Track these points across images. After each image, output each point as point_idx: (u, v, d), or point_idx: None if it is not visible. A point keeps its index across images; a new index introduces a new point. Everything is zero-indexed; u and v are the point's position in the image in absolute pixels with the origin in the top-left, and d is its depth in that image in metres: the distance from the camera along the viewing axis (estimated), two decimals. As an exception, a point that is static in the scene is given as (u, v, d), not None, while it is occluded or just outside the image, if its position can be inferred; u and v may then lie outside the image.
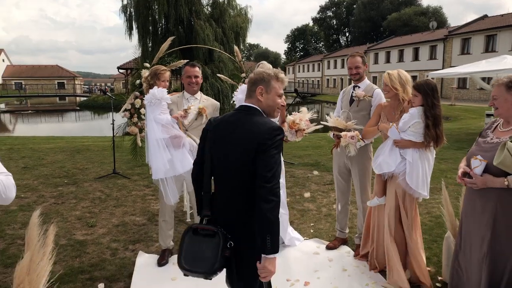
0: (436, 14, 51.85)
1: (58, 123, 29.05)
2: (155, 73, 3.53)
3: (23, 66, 61.65)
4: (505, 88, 2.37)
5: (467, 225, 2.59)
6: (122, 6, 24.99)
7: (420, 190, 3.05)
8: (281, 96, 2.07)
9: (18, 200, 5.44)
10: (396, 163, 3.08)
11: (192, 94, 3.67)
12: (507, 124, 2.44)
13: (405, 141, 3.06)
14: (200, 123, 3.59)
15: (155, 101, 3.33)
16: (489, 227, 2.39)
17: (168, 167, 3.34)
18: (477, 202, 2.46)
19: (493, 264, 2.40)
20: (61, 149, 9.59)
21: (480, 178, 2.37)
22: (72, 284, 3.21)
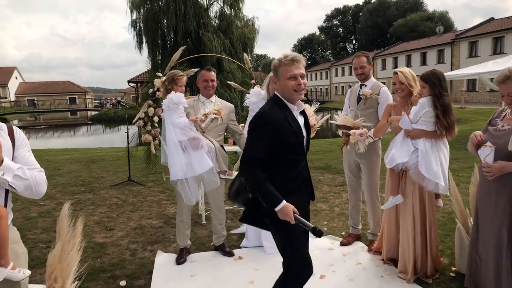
0: (442, 18, 51.82)
1: (70, 137, 29.55)
2: (172, 78, 3.67)
3: (36, 82, 63.03)
4: None
5: (483, 212, 2.64)
6: (131, 21, 25.52)
7: (436, 179, 2.99)
8: (294, 78, 2.16)
9: (37, 207, 5.61)
10: (409, 154, 3.06)
11: (207, 98, 3.80)
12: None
13: (417, 130, 3.07)
14: (216, 124, 3.72)
15: (173, 105, 3.47)
16: (506, 213, 2.44)
17: (186, 169, 3.46)
18: (492, 188, 2.51)
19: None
20: (76, 160, 9.82)
21: (496, 165, 2.41)
22: (95, 282, 3.32)
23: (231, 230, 4.47)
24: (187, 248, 3.81)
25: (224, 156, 3.76)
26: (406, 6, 57.99)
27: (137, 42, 25.48)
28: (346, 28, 69.70)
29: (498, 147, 2.42)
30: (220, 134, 3.79)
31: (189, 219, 3.82)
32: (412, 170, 3.09)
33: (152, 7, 25.20)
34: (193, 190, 3.53)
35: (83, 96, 59.24)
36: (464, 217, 3.07)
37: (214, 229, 3.88)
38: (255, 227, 3.93)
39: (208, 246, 4.07)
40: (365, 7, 63.12)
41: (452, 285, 3.11)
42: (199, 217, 4.95)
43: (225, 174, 3.70)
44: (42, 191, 1.88)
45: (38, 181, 1.84)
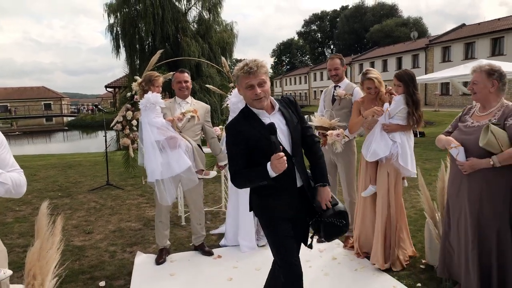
0: (416, 24, 53.33)
1: (46, 144, 28.88)
2: (149, 79, 3.72)
3: (9, 88, 61.16)
4: (486, 75, 2.60)
5: (454, 206, 2.78)
6: (108, 25, 25.23)
7: (412, 169, 3.36)
8: (251, 87, 2.15)
9: (13, 213, 5.51)
10: (389, 147, 3.35)
11: (183, 99, 3.86)
12: (484, 109, 2.67)
13: (394, 125, 3.37)
14: (192, 124, 3.78)
15: (150, 105, 3.51)
16: (476, 205, 2.59)
17: (164, 169, 3.51)
18: (463, 183, 2.66)
19: (481, 238, 2.60)
20: (53, 165, 9.65)
21: (467, 163, 2.57)
22: (74, 283, 3.32)
23: (211, 231, 4.53)
24: (166, 248, 3.85)
25: (202, 155, 3.83)
26: (382, 12, 59.47)
27: (114, 46, 25.21)
28: (324, 33, 70.80)
29: (469, 143, 2.57)
30: (197, 134, 3.86)
31: (168, 219, 3.86)
32: (393, 159, 3.36)
33: (129, 11, 24.99)
34: (168, 191, 3.58)
35: (59, 101, 57.91)
36: (432, 212, 3.23)
37: (194, 229, 3.92)
38: (234, 227, 4.01)
39: (188, 246, 4.11)
40: (342, 13, 64.36)
41: (421, 276, 3.26)
42: (179, 219, 4.98)
43: (202, 174, 3.76)
44: (22, 192, 1.95)
45: (18, 184, 1.91)
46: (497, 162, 2.44)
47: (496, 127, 2.44)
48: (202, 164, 3.79)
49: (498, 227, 2.55)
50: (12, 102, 55.00)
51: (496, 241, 2.55)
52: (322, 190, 2.32)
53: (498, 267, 2.56)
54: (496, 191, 2.53)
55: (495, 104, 2.61)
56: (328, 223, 2.29)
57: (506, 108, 2.55)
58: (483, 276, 2.61)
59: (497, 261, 2.56)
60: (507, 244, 2.54)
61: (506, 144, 2.43)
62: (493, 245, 2.56)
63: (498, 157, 2.44)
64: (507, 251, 2.54)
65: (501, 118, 2.52)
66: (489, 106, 2.63)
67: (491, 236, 2.57)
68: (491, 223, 2.56)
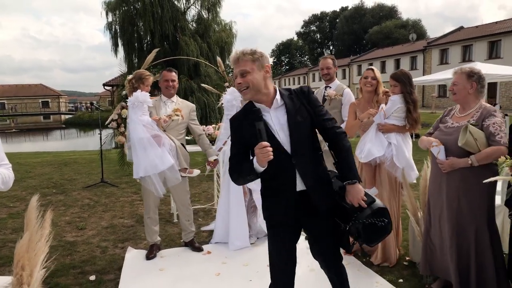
0: (415, 26, 53.52)
1: (43, 142, 28.86)
2: (140, 77, 3.78)
3: (6, 85, 60.97)
4: (466, 77, 2.69)
5: (434, 204, 2.87)
6: (107, 23, 25.24)
7: (410, 170, 3.36)
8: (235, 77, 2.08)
9: (7, 209, 5.57)
10: (384, 147, 3.35)
11: (169, 98, 3.92)
12: (463, 110, 2.76)
13: (390, 125, 3.38)
14: (176, 123, 3.83)
15: (138, 103, 3.57)
16: (454, 202, 2.68)
17: (148, 166, 3.56)
18: (443, 181, 2.75)
19: (459, 235, 2.69)
20: (48, 163, 9.70)
21: (447, 162, 2.66)
22: (65, 277, 3.39)
23: (202, 227, 4.60)
24: (157, 244, 3.91)
25: (185, 154, 3.89)
26: (381, 13, 59.61)
27: (113, 45, 25.23)
28: (324, 34, 70.91)
29: (449, 143, 2.66)
30: (181, 133, 3.91)
31: (157, 215, 3.91)
32: (387, 162, 3.37)
33: (128, 10, 25.01)
34: (158, 183, 3.65)
35: (57, 99, 57.83)
36: (415, 210, 3.30)
37: (183, 225, 3.99)
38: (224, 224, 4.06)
39: (178, 242, 4.18)
40: (342, 14, 64.47)
41: (404, 272, 3.34)
42: (171, 216, 5.04)
43: (185, 172, 3.82)
44: (9, 186, 2.06)
45: (7, 179, 2.03)
46: (475, 161, 2.52)
47: (474, 128, 2.53)
48: (186, 162, 3.85)
49: (476, 225, 2.63)
50: (9, 100, 54.89)
51: (474, 239, 2.64)
52: (352, 188, 2.08)
53: (476, 265, 2.65)
54: (474, 190, 2.61)
55: (474, 106, 2.69)
56: (368, 224, 2.04)
57: (484, 110, 2.64)
58: (462, 273, 2.69)
59: (476, 259, 2.64)
60: (484, 243, 2.62)
61: (484, 144, 2.52)
62: (471, 243, 2.65)
63: (476, 156, 2.52)
64: (485, 249, 2.63)
65: (479, 119, 2.61)
66: (468, 108, 2.71)
67: (470, 234, 2.65)
68: (469, 221, 2.65)
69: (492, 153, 2.48)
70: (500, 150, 2.46)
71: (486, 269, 2.64)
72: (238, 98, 3.93)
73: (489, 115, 2.58)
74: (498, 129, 2.51)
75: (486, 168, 2.56)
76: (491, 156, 2.50)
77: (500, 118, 2.58)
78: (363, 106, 3.60)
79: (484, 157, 2.51)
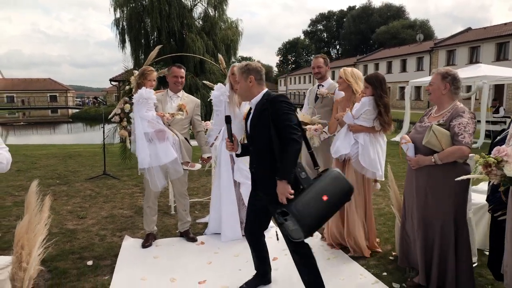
0: (423, 27, 53.26)
1: (50, 135, 29.20)
2: (142, 73, 3.93)
3: (15, 79, 61.69)
4: (441, 77, 2.82)
5: (407, 198, 3.02)
6: (114, 19, 25.49)
7: (373, 169, 3.50)
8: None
9: (12, 197, 5.77)
10: (350, 146, 3.53)
11: (175, 93, 4.08)
12: (439, 110, 2.88)
13: (358, 126, 3.53)
14: (181, 118, 3.99)
15: (142, 100, 3.73)
16: (422, 198, 2.82)
17: (153, 158, 3.73)
18: (413, 177, 2.90)
19: (425, 228, 2.83)
20: (53, 155, 9.92)
21: (414, 158, 2.82)
22: (64, 262, 3.56)
23: (197, 219, 4.75)
24: (153, 233, 4.07)
25: (188, 148, 4.04)
26: (388, 13, 59.39)
27: (120, 41, 25.46)
28: (330, 33, 70.81)
29: (417, 141, 2.81)
30: (185, 127, 4.07)
31: (156, 205, 4.08)
32: (353, 159, 3.53)
33: (136, 6, 25.21)
34: (158, 177, 3.81)
35: (64, 94, 58.42)
36: (399, 205, 3.42)
37: (179, 215, 4.15)
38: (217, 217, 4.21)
39: (174, 233, 4.33)
40: (349, 13, 64.31)
41: (389, 266, 3.47)
42: (169, 208, 5.21)
43: (187, 166, 3.97)
44: (8, 168, 2.25)
45: (7, 162, 2.19)
46: (438, 159, 2.68)
47: (438, 127, 2.66)
48: (189, 156, 4.01)
49: (442, 220, 2.76)
50: (19, 93, 55.54)
51: (440, 233, 2.77)
52: (279, 183, 2.49)
53: (439, 258, 2.79)
54: (440, 187, 2.75)
55: (447, 106, 2.81)
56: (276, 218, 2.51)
57: (454, 110, 2.76)
58: (426, 265, 2.84)
59: (439, 252, 2.78)
60: (449, 237, 2.75)
61: (448, 143, 2.65)
62: (436, 237, 2.78)
63: (438, 155, 2.68)
64: (448, 243, 2.76)
65: (448, 119, 2.74)
66: (442, 108, 2.84)
67: (435, 228, 2.79)
68: (435, 216, 2.79)
69: (453, 152, 2.62)
70: (460, 150, 2.60)
71: (447, 262, 2.78)
72: (225, 93, 4.07)
73: (457, 116, 2.71)
74: (463, 129, 2.64)
75: (453, 166, 2.69)
76: (453, 155, 2.64)
77: (468, 119, 2.69)
78: (344, 104, 3.77)
79: (446, 156, 2.65)
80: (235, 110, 4.04)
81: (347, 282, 3.19)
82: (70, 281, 3.21)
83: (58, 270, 3.38)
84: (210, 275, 3.30)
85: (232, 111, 4.04)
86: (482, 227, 3.71)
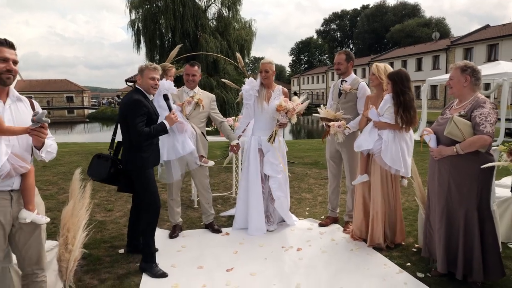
0: (439, 25, 52.51)
1: (67, 135, 29.81)
2: (163, 69, 4.07)
3: (33, 80, 62.96)
4: (460, 71, 2.87)
5: (431, 189, 3.08)
6: (130, 20, 25.86)
7: (396, 167, 3.52)
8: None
9: (41, 191, 5.88)
10: (373, 141, 3.57)
11: (191, 89, 4.20)
12: (460, 103, 2.94)
13: (382, 122, 3.57)
14: (198, 112, 4.12)
15: (164, 90, 3.85)
16: (445, 187, 2.88)
17: (170, 151, 3.85)
18: (436, 167, 2.96)
19: (448, 217, 2.89)
20: (76, 152, 10.19)
21: (436, 149, 2.89)
22: (97, 250, 3.72)
23: (221, 213, 4.87)
24: (179, 225, 4.20)
25: (204, 143, 4.17)
26: (403, 11, 58.77)
27: (135, 42, 25.79)
28: (344, 32, 70.44)
29: (439, 132, 2.88)
30: (202, 121, 4.19)
31: (179, 197, 4.21)
32: (376, 155, 3.58)
33: (150, 8, 25.55)
34: (175, 169, 3.94)
35: (81, 94, 59.39)
36: (423, 197, 3.47)
37: (203, 208, 4.27)
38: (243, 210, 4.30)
39: (199, 225, 4.46)
40: (363, 12, 63.87)
41: (412, 258, 3.52)
42: (192, 202, 5.34)
43: (201, 161, 4.08)
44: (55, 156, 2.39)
45: (55, 150, 2.32)
46: (460, 149, 2.73)
47: (459, 118, 2.72)
48: (204, 151, 4.13)
49: (465, 209, 2.81)
50: (36, 94, 56.66)
51: (464, 222, 2.82)
52: None
53: (464, 246, 2.83)
54: (462, 176, 2.80)
55: (469, 98, 2.86)
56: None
57: (476, 101, 2.81)
58: (449, 254, 2.89)
59: (464, 241, 2.83)
60: (473, 226, 2.80)
61: (469, 133, 2.71)
62: (461, 226, 2.83)
63: (460, 145, 2.74)
64: (473, 233, 2.80)
65: (469, 110, 2.79)
66: (464, 100, 2.89)
67: (459, 217, 2.84)
68: (458, 205, 2.84)
69: (475, 141, 2.67)
70: (482, 138, 2.65)
71: (473, 250, 2.82)
72: (255, 88, 4.19)
73: (478, 106, 2.76)
74: (484, 119, 2.68)
75: (476, 156, 2.74)
76: (474, 144, 2.68)
77: (489, 109, 2.73)
78: (374, 100, 3.81)
79: (468, 145, 2.70)
80: (263, 104, 4.16)
81: (372, 271, 3.26)
82: (104, 267, 3.36)
83: (92, 257, 3.54)
84: (237, 263, 3.41)
85: (260, 105, 4.16)
86: (506, 220, 3.74)
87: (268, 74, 4.17)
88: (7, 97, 2.12)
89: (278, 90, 4.25)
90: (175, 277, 3.20)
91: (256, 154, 4.20)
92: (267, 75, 4.17)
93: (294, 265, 3.39)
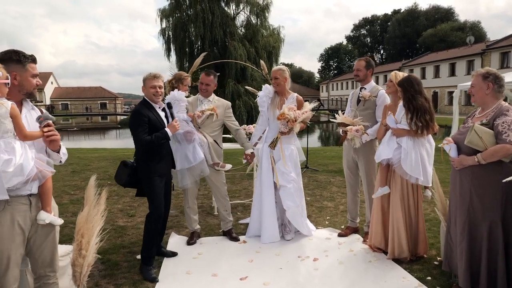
0: (474, 29, 50.73)
1: (100, 140, 30.80)
2: (179, 78, 4.13)
3: (70, 88, 65.67)
4: (482, 78, 2.77)
5: (453, 200, 2.95)
6: (161, 29, 26.61)
7: (416, 175, 3.37)
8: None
9: (69, 196, 6.20)
10: (392, 150, 3.45)
11: (205, 97, 4.22)
12: (482, 111, 2.82)
13: (400, 129, 3.46)
14: (211, 121, 4.12)
15: (175, 101, 3.90)
16: (467, 199, 2.76)
17: (181, 160, 3.87)
18: (457, 178, 2.84)
19: (471, 231, 2.76)
20: (105, 158, 10.51)
21: (457, 159, 2.78)
22: (116, 255, 3.80)
23: (240, 220, 4.87)
24: (197, 232, 4.24)
25: (218, 150, 4.16)
26: (436, 16, 57.19)
27: (166, 49, 26.55)
28: (374, 37, 69.32)
29: (460, 142, 2.76)
30: (215, 130, 4.17)
31: (195, 205, 4.23)
32: (395, 165, 3.45)
33: (181, 16, 26.19)
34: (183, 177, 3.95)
35: (113, 101, 61.38)
36: (444, 209, 3.34)
37: (221, 215, 4.29)
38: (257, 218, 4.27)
39: (217, 232, 4.48)
40: (394, 17, 62.64)
41: (433, 271, 3.38)
42: (212, 209, 5.37)
43: (218, 166, 4.09)
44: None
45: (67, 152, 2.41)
46: (481, 159, 2.61)
47: (481, 127, 2.59)
48: (218, 158, 4.14)
49: (489, 221, 2.67)
50: (72, 101, 59.09)
51: (487, 235, 2.68)
52: None
53: (488, 261, 2.69)
54: (484, 187, 2.67)
55: (492, 106, 2.73)
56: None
57: (498, 110, 2.68)
58: (472, 267, 2.75)
59: (488, 255, 2.68)
60: (498, 239, 2.65)
61: (491, 143, 2.58)
62: (484, 239, 2.69)
63: (482, 154, 2.62)
64: (497, 246, 2.66)
65: (491, 118, 2.67)
66: (487, 108, 2.76)
67: (482, 230, 2.70)
68: (481, 217, 2.70)
69: (497, 150, 2.54)
70: (504, 148, 2.52)
71: (497, 264, 2.67)
72: (268, 95, 4.18)
73: (501, 114, 2.63)
74: (507, 127, 2.56)
75: (499, 165, 2.61)
76: (497, 154, 2.56)
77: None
78: (391, 109, 3.71)
79: (490, 155, 2.58)
80: (275, 111, 4.13)
81: (390, 284, 3.16)
82: (121, 272, 3.43)
83: (110, 262, 3.62)
84: (252, 272, 3.40)
85: (272, 113, 4.15)
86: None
87: (278, 81, 4.13)
88: (22, 107, 2.23)
89: (292, 98, 4.18)
90: (189, 283, 3.22)
91: (268, 162, 4.18)
92: (277, 81, 4.13)
93: (309, 275, 3.34)
